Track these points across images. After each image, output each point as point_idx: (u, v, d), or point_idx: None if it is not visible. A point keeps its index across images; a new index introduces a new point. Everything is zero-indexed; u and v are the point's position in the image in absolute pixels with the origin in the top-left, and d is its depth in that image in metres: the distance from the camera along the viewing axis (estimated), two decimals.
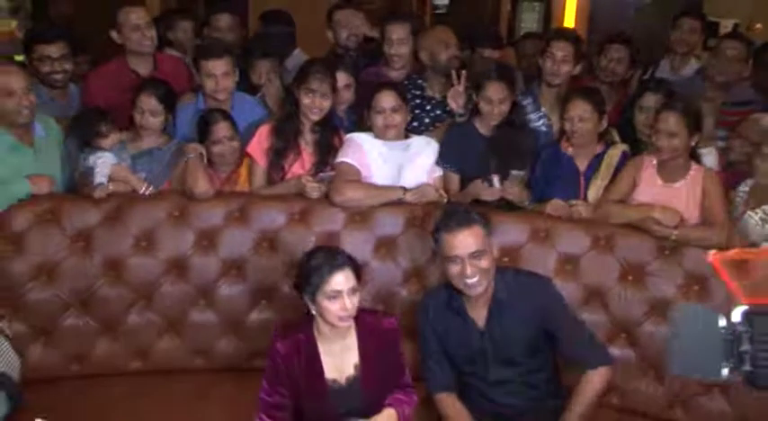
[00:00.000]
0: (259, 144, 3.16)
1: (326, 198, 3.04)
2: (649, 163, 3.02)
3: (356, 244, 2.93)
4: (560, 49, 3.36)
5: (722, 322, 1.32)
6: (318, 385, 2.41)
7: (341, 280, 2.30)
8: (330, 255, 2.37)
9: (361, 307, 2.43)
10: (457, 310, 2.61)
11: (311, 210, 3.02)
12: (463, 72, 3.35)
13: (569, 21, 6.22)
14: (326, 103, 3.12)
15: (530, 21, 6.40)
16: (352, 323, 2.40)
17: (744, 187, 2.99)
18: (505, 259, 2.94)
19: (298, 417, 2.45)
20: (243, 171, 3.23)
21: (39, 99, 3.11)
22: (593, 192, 3.12)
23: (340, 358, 2.43)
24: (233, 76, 3.32)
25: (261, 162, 3.16)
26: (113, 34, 3.52)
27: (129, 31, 3.47)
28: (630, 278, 2.90)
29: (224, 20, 4.11)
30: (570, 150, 3.18)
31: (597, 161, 3.16)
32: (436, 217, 2.66)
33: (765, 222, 2.79)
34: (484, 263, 2.48)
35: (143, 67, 3.55)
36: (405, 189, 3.02)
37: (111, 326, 2.95)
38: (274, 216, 3.02)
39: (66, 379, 2.89)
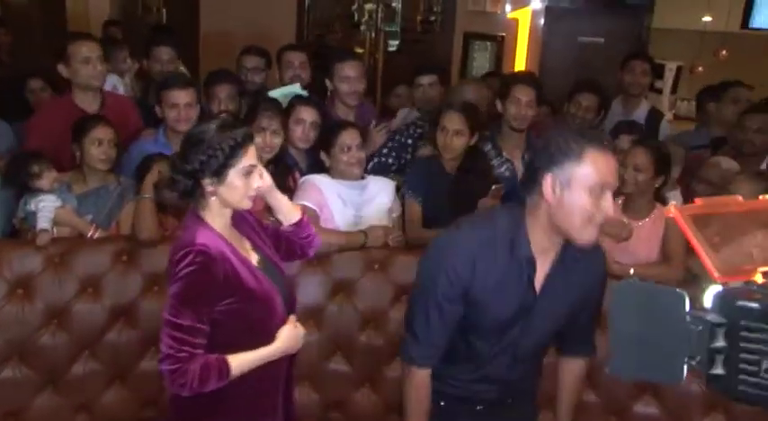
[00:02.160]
0: None
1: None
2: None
3: (312, 287, 2.87)
4: (524, 94, 3.35)
5: (688, 304, 0.99)
6: (254, 273, 2.02)
7: (255, 152, 1.99)
8: (238, 124, 2.01)
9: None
10: (522, 262, 1.93)
11: None
12: None
13: (521, 60, 6.31)
14: (277, 141, 3.07)
15: (481, 60, 6.48)
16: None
17: None
18: None
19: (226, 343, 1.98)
20: None
21: None
22: None
23: (240, 243, 2.07)
24: (195, 109, 3.27)
25: None
26: (60, 68, 3.37)
27: (78, 64, 3.32)
28: None
29: (165, 52, 4.16)
30: None
31: None
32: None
33: None
34: None
35: (90, 104, 3.41)
36: (365, 233, 2.95)
37: (54, 377, 2.79)
38: None
39: None
